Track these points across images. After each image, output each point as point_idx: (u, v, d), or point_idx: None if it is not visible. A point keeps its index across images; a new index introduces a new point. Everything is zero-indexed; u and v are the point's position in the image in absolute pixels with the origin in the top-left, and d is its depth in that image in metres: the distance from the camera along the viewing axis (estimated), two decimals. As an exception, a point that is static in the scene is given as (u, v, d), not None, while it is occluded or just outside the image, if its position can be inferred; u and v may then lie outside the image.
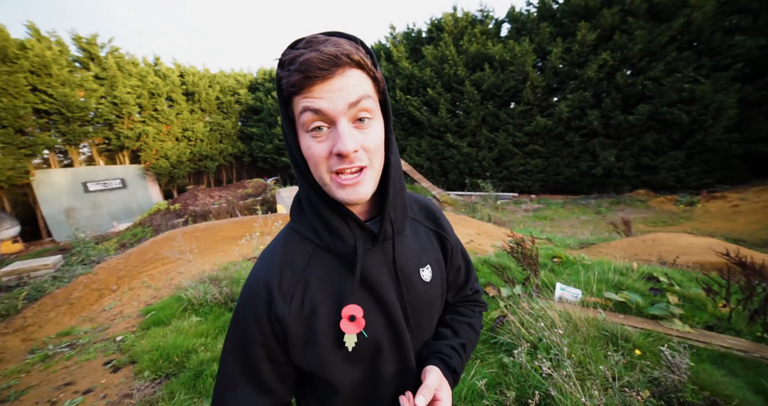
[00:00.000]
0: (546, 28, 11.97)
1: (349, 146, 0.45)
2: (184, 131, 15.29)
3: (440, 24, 14.49)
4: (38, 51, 11.25)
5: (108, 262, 5.49)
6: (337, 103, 0.44)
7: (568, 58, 11.64)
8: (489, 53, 12.70)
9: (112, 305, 4.37)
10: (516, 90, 12.62)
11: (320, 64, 0.42)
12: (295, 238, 0.58)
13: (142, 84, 13.83)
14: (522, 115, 12.77)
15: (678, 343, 1.70)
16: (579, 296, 2.40)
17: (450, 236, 0.71)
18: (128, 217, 13.11)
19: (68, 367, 2.89)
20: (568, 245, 5.17)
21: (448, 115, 13.82)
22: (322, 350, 0.53)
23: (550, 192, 13.09)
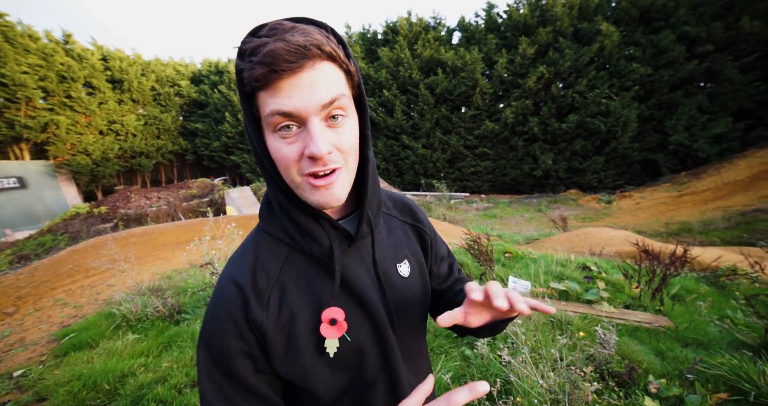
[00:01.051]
0: (492, 40, 12.97)
1: (322, 148, 0.41)
2: (111, 124, 13.32)
3: (395, 27, 14.79)
4: None
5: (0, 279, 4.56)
6: (307, 103, 0.40)
7: (512, 69, 12.77)
8: (442, 59, 13.33)
9: (7, 333, 3.58)
10: (467, 95, 13.44)
11: (287, 55, 0.37)
12: (266, 240, 0.54)
13: (47, 64, 11.61)
14: (472, 120, 13.64)
15: (608, 322, 1.97)
16: (529, 287, 2.63)
17: (427, 228, 0.70)
18: (29, 223, 10.97)
19: None
20: (516, 240, 5.66)
21: (403, 117, 14.18)
22: (304, 358, 0.50)
23: (498, 192, 14.19)
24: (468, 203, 11.98)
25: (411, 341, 0.62)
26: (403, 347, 0.60)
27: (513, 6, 13.05)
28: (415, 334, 0.63)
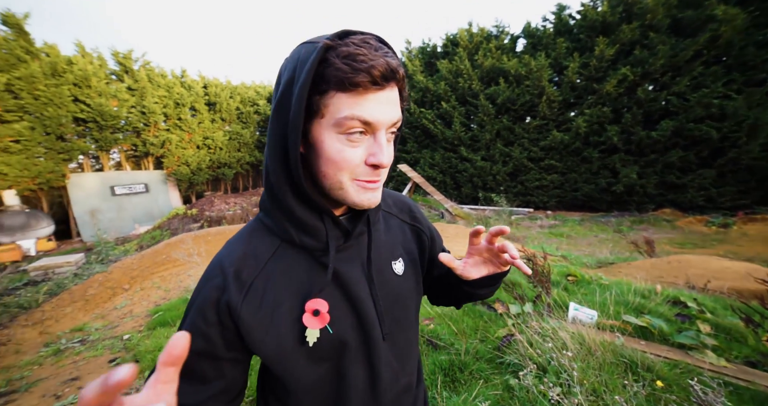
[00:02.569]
0: (562, 44, 11.96)
1: (388, 160, 0.47)
2: (205, 139, 15.94)
3: (455, 39, 14.74)
4: (81, 65, 12.22)
5: (123, 262, 5.67)
6: (385, 117, 0.45)
7: (585, 73, 11.52)
8: (504, 68, 12.76)
9: (123, 304, 4.48)
10: (532, 104, 12.54)
11: (386, 73, 0.43)
12: (262, 229, 0.56)
13: (169, 95, 14.66)
14: (538, 130, 12.61)
15: (711, 378, 1.53)
16: (594, 317, 2.25)
17: (425, 228, 0.70)
18: (149, 220, 13.60)
19: (76, 362, 2.98)
20: (585, 263, 4.93)
21: (462, 129, 13.83)
22: (283, 345, 0.51)
23: (567, 208, 12.68)
24: (531, 220, 10.96)
25: (400, 338, 0.60)
26: (390, 345, 0.59)
27: (588, 5, 11.90)
28: (404, 332, 0.62)
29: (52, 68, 11.49)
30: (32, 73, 10.76)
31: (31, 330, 3.80)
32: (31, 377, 2.85)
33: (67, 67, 11.91)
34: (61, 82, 11.58)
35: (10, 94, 10.50)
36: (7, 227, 10.17)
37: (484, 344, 2.09)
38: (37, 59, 11.33)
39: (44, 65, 11.30)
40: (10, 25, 10.89)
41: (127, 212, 13.54)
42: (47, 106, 11.18)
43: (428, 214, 10.73)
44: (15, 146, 10.59)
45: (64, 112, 11.56)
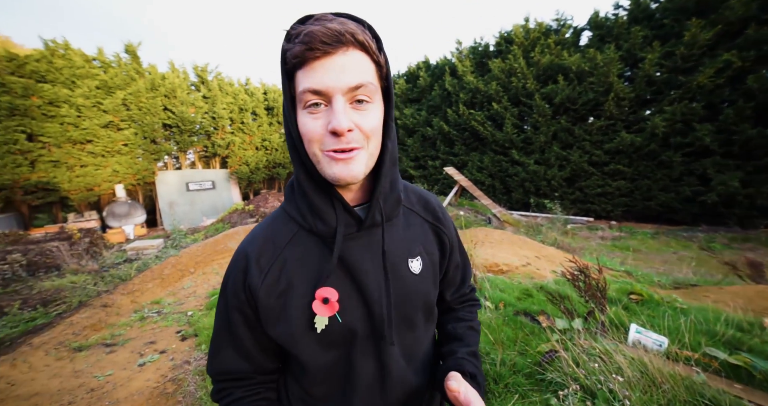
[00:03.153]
0: (638, 33, 10.54)
1: (343, 124, 0.44)
2: (263, 141, 17.49)
3: (510, 36, 13.99)
4: (171, 80, 14.55)
5: (190, 248, 6.45)
6: (336, 83, 0.44)
7: (668, 64, 9.98)
8: (564, 64, 11.72)
9: (189, 285, 5.09)
10: (596, 103, 11.30)
11: (324, 37, 0.42)
12: (283, 217, 0.59)
13: (234, 101, 16.48)
14: (602, 131, 11.31)
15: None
16: (664, 344, 1.91)
17: (448, 230, 0.67)
18: (214, 214, 15.30)
19: (154, 329, 3.56)
20: (656, 282, 4.25)
21: (514, 131, 13.04)
22: (294, 328, 0.52)
23: (637, 219, 11.12)
24: (591, 230, 9.86)
25: (407, 337, 0.59)
26: (401, 341, 0.58)
27: (676, -14, 10.29)
28: (413, 331, 0.60)
29: (151, 84, 13.97)
30: (139, 89, 13.45)
31: (125, 298, 4.58)
32: (125, 335, 3.53)
33: (161, 82, 14.21)
34: (156, 95, 13.97)
35: (124, 107, 13.21)
36: (117, 214, 12.71)
37: (524, 357, 1.91)
38: (142, 77, 13.79)
39: (146, 82, 13.80)
40: (129, 52, 13.96)
41: (197, 206, 15.44)
42: (146, 115, 13.69)
43: (474, 219, 10.29)
44: (124, 149, 13.27)
45: (157, 120, 13.93)
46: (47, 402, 2.26)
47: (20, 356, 2.91)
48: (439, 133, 15.61)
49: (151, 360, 2.88)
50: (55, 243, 7.38)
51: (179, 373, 2.61)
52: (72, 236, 8.66)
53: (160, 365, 2.76)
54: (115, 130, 13.07)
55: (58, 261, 6.51)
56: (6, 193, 11.25)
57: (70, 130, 11.95)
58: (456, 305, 0.73)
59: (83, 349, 3.14)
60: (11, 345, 3.20)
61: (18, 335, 3.49)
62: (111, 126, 13.00)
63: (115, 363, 2.87)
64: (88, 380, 2.57)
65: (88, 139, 12.47)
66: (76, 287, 4.99)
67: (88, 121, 12.28)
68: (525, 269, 4.13)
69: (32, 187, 11.64)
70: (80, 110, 12.15)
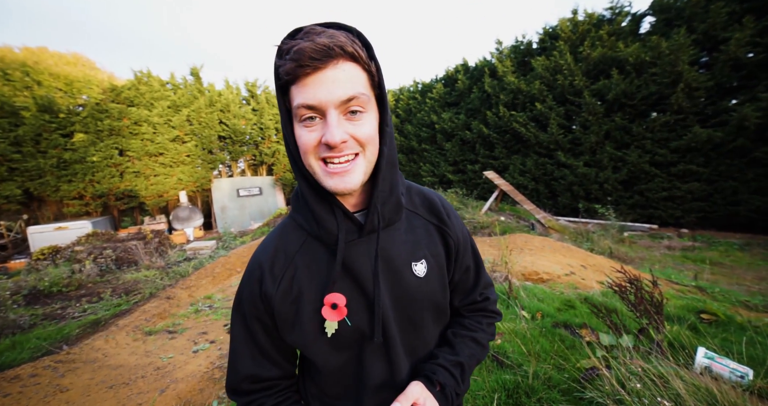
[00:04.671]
0: (721, 9, 9.13)
1: (336, 137, 0.46)
2: (305, 150, 18.63)
3: (555, 31, 13.17)
4: (226, 96, 16.26)
5: (237, 249, 7.03)
6: (328, 97, 0.45)
7: (764, 43, 8.48)
8: (619, 56, 10.69)
9: (236, 283, 5.55)
10: (659, 96, 10.10)
11: (313, 53, 0.43)
12: (292, 225, 0.61)
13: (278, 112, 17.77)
14: (668, 128, 10.03)
15: None
16: (749, 376, 1.61)
17: (453, 232, 0.65)
18: (261, 218, 16.46)
19: (206, 321, 3.99)
20: (740, 301, 3.61)
21: (560, 131, 12.16)
22: (306, 333, 0.55)
23: (717, 228, 9.59)
24: (654, 239, 8.76)
25: (411, 338, 0.60)
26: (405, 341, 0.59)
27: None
28: (419, 333, 0.61)
29: (209, 101, 15.76)
30: (199, 106, 15.35)
31: (184, 292, 5.18)
32: (183, 324, 4.04)
33: (218, 99, 15.91)
34: (213, 110, 15.69)
35: (188, 123, 15.20)
36: (180, 218, 14.53)
37: (561, 372, 1.76)
38: (203, 95, 15.61)
39: (206, 99, 15.53)
40: (193, 74, 16.11)
41: (246, 210, 16.77)
42: (204, 128, 15.43)
43: (516, 224, 9.73)
44: (187, 160, 15.21)
45: (213, 133, 15.60)
46: (127, 374, 2.73)
47: (110, 334, 3.59)
48: (478, 137, 15.13)
49: (203, 348, 3.23)
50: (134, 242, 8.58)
51: (225, 362, 2.88)
52: (146, 236, 9.96)
53: (210, 353, 3.07)
54: (180, 143, 14.99)
55: (136, 257, 7.58)
56: (104, 200, 13.83)
57: (147, 145, 14.04)
58: (466, 312, 0.70)
59: (152, 333, 3.69)
60: (105, 325, 3.98)
61: (110, 316, 4.32)
62: (177, 140, 14.92)
63: (175, 348, 3.28)
64: (155, 360, 3.02)
65: (160, 152, 14.51)
66: (148, 281, 5.82)
67: (161, 136, 14.30)
68: (568, 278, 3.79)
69: (121, 194, 14.12)
70: (155, 127, 14.19)
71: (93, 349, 3.17)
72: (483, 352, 0.66)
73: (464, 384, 0.60)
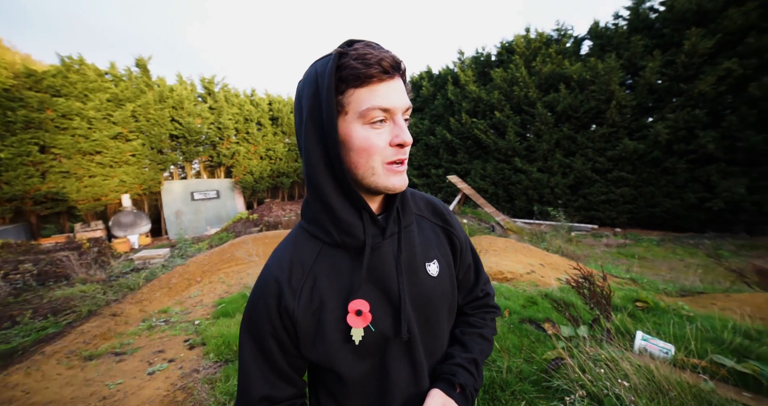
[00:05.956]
0: (639, 42, 10.69)
1: (410, 137, 0.52)
2: (267, 151, 17.73)
3: (511, 46, 14.24)
4: (179, 91, 14.89)
5: (197, 257, 6.50)
6: (399, 102, 0.51)
7: (669, 73, 10.08)
8: (565, 73, 11.87)
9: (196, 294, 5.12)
10: (598, 111, 11.39)
11: (392, 63, 0.50)
12: (304, 236, 0.60)
13: (240, 112, 16.82)
14: (605, 139, 11.36)
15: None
16: (671, 352, 1.91)
17: (458, 233, 0.69)
18: (219, 223, 15.41)
19: (162, 338, 3.55)
20: (662, 289, 4.21)
21: (516, 139, 13.12)
22: (331, 344, 0.54)
23: (642, 226, 11.03)
24: (595, 237, 9.80)
25: (428, 338, 0.62)
26: (424, 341, 0.61)
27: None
28: (435, 332, 0.63)
29: (160, 96, 14.33)
30: (147, 101, 13.81)
31: (134, 307, 4.61)
32: (134, 344, 3.54)
33: (170, 94, 14.57)
34: (164, 107, 14.32)
35: (133, 119, 13.55)
36: (123, 224, 12.86)
37: (530, 364, 1.92)
38: (151, 90, 14.17)
39: (155, 94, 14.16)
40: (139, 66, 14.40)
41: (202, 215, 15.58)
42: (154, 126, 14.02)
43: (478, 227, 10.26)
44: (132, 160, 13.54)
45: (164, 131, 14.24)
46: (61, 410, 2.28)
47: (33, 364, 2.94)
48: (442, 142, 15.74)
49: (160, 369, 2.89)
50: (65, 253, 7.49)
51: (188, 381, 2.63)
52: (81, 245, 8.78)
53: (170, 374, 2.78)
54: (123, 141, 13.36)
55: (68, 271, 6.60)
56: (17, 204, 11.53)
57: (80, 142, 12.24)
58: (469, 310, 0.73)
59: (94, 358, 3.15)
60: (24, 354, 3.23)
61: (30, 343, 3.53)
62: (120, 137, 13.30)
63: (125, 372, 2.89)
64: (99, 389, 2.59)
65: (97, 151, 12.73)
66: (86, 297, 5.05)
67: (98, 132, 12.58)
68: (529, 276, 4.12)
69: (42, 198, 11.88)
70: (91, 122, 12.48)
71: (7, 386, 2.58)
72: (490, 347, 0.69)
73: (480, 380, 0.63)
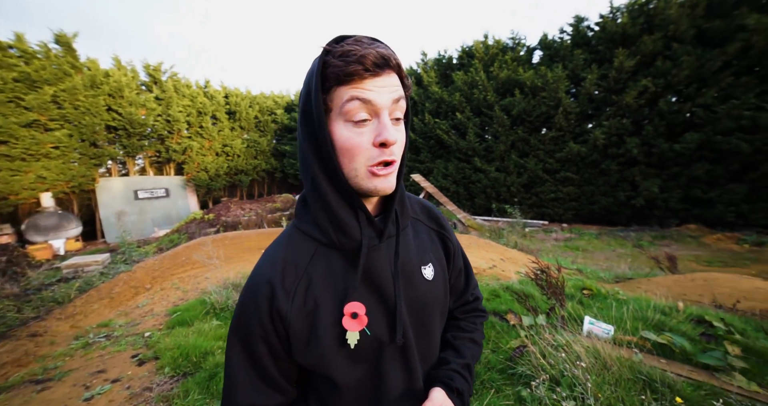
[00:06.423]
0: (580, 55, 11.88)
1: (393, 135, 0.48)
2: (224, 147, 16.58)
3: (471, 51, 14.91)
4: (116, 77, 13.12)
5: (146, 262, 5.89)
6: (384, 97, 0.48)
7: (604, 85, 11.37)
8: (520, 79, 12.76)
9: (145, 303, 4.63)
10: (548, 116, 12.43)
11: (376, 60, 0.46)
12: (299, 236, 0.58)
13: (192, 104, 15.47)
14: (554, 142, 12.45)
15: (738, 401, 1.46)
16: (611, 332, 2.18)
17: (452, 237, 0.70)
18: (168, 224, 14.09)
19: (103, 356, 3.11)
20: (601, 277, 4.77)
21: (476, 140, 13.81)
22: (325, 348, 0.52)
23: (584, 222, 12.32)
24: (546, 232, 10.71)
25: (423, 342, 0.61)
26: (419, 346, 0.60)
27: (607, 16, 11.83)
28: (429, 336, 0.63)
29: (91, 81, 12.45)
30: (75, 86, 11.76)
31: (63, 323, 3.99)
32: (63, 366, 3.00)
33: (104, 79, 12.83)
34: (98, 93, 12.51)
35: (55, 105, 11.45)
36: (42, 227, 10.84)
37: (496, 354, 2.05)
38: (80, 73, 12.31)
39: (85, 78, 12.32)
40: (61, 43, 12.07)
41: (147, 215, 14.12)
42: (85, 115, 12.08)
43: (440, 224, 10.65)
44: (54, 152, 11.41)
45: (98, 121, 12.46)
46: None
47: None
48: (406, 141, 16.03)
49: (101, 392, 2.51)
50: (-38, 263, 6.25)
51: (139, 402, 2.35)
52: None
53: (114, 396, 2.46)
54: (42, 130, 11.08)
55: (-41, 286, 5.49)
56: None
57: (-25, 129, 9.78)
58: (460, 314, 0.73)
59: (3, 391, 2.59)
60: None
61: None
62: (36, 125, 10.96)
63: (51, 402, 2.44)
64: None
65: (2, 140, 10.32)
66: (-9, 317, 4.23)
67: (2, 118, 10.13)
68: (492, 271, 4.39)
69: None
70: (-10, 106, 10.07)
71: None
72: (480, 351, 0.70)
73: (472, 385, 0.64)
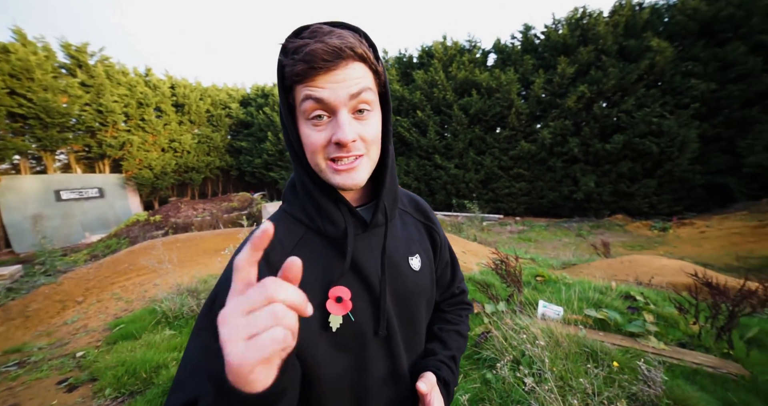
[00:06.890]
0: (529, 61, 12.87)
1: (348, 136, 0.45)
2: (171, 142, 15.06)
3: (431, 51, 15.31)
4: (21, 55, 10.93)
5: (76, 272, 5.16)
6: (338, 94, 0.45)
7: (549, 89, 12.46)
8: (476, 80, 13.43)
9: (76, 319, 4.05)
10: (502, 116, 13.28)
11: (324, 55, 0.43)
12: (288, 219, 0.57)
13: (131, 93, 13.73)
14: (507, 140, 13.35)
15: (653, 359, 1.72)
16: (561, 313, 2.42)
17: (439, 230, 0.71)
18: (103, 228, 12.47)
19: (13, 388, 2.61)
20: (551, 265, 5.26)
21: (436, 137, 14.27)
22: (307, 331, 0.50)
23: (534, 215, 13.44)
24: (501, 225, 11.48)
25: (410, 332, 0.62)
26: (405, 336, 0.60)
27: (551, 27, 12.96)
28: (415, 326, 0.63)
29: None
30: None
31: None
32: None
33: (2, 56, 10.64)
34: None
35: None
36: None
37: (462, 341, 2.16)
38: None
39: None
40: None
41: (75, 219, 12.32)
42: None
43: (404, 219, 10.88)
44: None
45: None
46: None
47: None
48: (369, 138, 16.03)
49: None
50: None
51: None
52: None
53: None
54: None
55: None
56: None
57: None
58: (446, 307, 0.74)
59: None
60: None
61: None
62: None
63: None
64: None
65: None
66: None
67: None
68: (454, 263, 4.61)
69: None
70: None
71: None
72: (465, 343, 0.70)
73: (457, 377, 0.65)
